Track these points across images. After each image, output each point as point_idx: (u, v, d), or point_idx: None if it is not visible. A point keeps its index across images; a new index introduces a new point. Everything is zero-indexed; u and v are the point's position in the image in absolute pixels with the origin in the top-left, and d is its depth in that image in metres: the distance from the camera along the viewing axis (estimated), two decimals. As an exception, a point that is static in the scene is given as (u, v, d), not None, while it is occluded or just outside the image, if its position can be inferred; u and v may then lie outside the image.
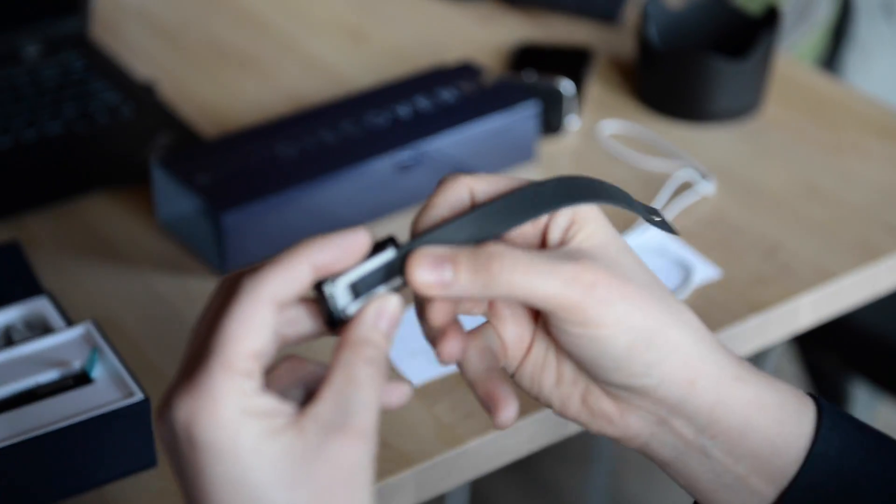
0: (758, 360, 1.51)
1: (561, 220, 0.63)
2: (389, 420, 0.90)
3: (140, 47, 1.37)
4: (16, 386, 0.84)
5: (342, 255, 0.58)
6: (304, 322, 0.59)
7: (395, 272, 0.60)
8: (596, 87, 1.30)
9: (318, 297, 0.58)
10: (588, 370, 0.64)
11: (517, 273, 0.60)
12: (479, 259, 0.60)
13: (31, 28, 1.29)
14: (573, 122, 1.22)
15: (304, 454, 0.54)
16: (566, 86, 1.20)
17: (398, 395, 0.61)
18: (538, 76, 1.21)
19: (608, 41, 1.37)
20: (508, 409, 0.63)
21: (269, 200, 1.04)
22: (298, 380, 0.60)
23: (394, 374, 0.63)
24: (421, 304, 0.64)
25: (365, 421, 0.55)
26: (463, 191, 0.62)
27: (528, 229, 0.64)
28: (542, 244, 0.64)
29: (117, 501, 0.84)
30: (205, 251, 1.05)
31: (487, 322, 0.67)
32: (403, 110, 1.14)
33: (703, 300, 1.02)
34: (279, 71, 1.34)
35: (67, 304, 0.98)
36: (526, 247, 0.63)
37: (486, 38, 1.38)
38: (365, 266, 0.59)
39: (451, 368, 0.94)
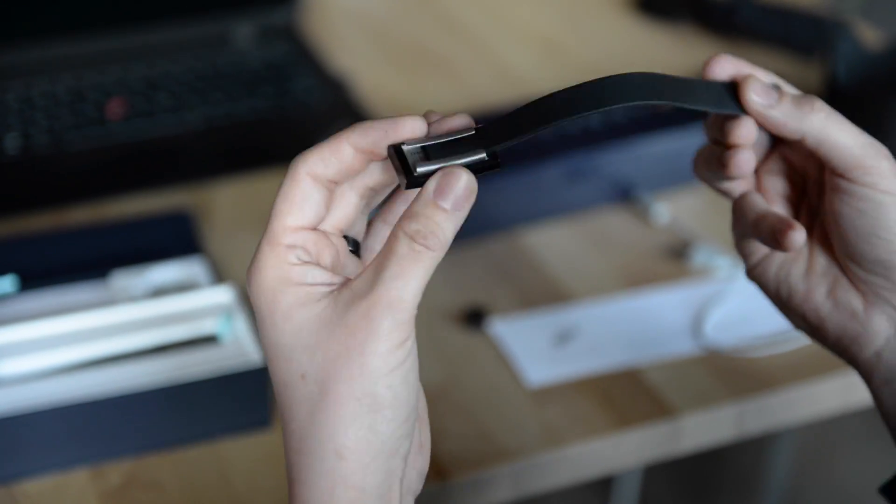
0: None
1: None
2: (497, 416, 0.94)
3: (347, 41, 1.44)
4: (150, 337, 0.91)
5: (384, 138, 0.60)
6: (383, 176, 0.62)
7: (477, 148, 0.60)
8: (782, 120, 1.29)
9: (391, 158, 0.60)
10: (855, 243, 0.68)
11: (832, 117, 0.67)
12: (803, 96, 0.68)
13: (244, 15, 1.37)
14: (745, 151, 1.22)
15: (329, 322, 0.57)
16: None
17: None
18: (716, 102, 1.22)
19: (805, 76, 1.36)
20: (800, 230, 0.68)
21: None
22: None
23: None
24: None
25: (390, 291, 0.56)
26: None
27: None
28: None
29: (230, 456, 0.90)
30: (360, 236, 1.10)
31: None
32: (574, 122, 1.16)
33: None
34: (471, 75, 1.38)
35: (225, 269, 1.05)
36: None
37: (681, 61, 1.39)
38: (442, 138, 0.60)
39: (570, 374, 0.96)
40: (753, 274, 0.75)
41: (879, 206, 0.67)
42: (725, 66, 0.69)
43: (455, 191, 0.58)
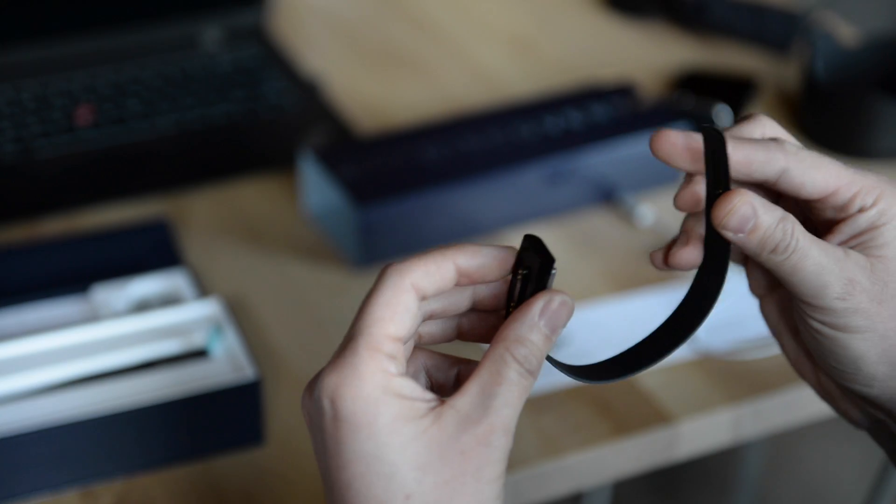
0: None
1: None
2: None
3: (317, 42, 1.42)
4: (137, 353, 0.88)
5: (488, 265, 0.60)
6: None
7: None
8: (758, 117, 1.28)
9: (516, 276, 0.60)
10: (818, 361, 0.68)
11: (814, 246, 0.63)
12: (782, 215, 0.64)
13: (211, 17, 1.34)
14: (726, 150, 1.21)
15: (439, 443, 0.56)
16: (721, 113, 1.19)
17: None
18: (695, 102, 1.21)
19: (779, 71, 1.36)
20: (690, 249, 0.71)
21: (411, 199, 1.07)
22: (420, 368, 0.63)
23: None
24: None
25: (503, 418, 0.56)
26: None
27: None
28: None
29: (224, 474, 0.87)
30: (343, 243, 1.08)
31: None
32: (554, 123, 1.15)
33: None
34: (445, 75, 1.36)
35: (206, 279, 1.02)
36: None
37: (654, 59, 1.38)
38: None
39: (564, 381, 0.95)
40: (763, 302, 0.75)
41: (832, 342, 0.65)
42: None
43: (558, 316, 0.58)
